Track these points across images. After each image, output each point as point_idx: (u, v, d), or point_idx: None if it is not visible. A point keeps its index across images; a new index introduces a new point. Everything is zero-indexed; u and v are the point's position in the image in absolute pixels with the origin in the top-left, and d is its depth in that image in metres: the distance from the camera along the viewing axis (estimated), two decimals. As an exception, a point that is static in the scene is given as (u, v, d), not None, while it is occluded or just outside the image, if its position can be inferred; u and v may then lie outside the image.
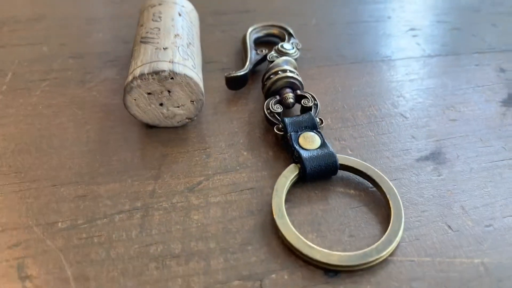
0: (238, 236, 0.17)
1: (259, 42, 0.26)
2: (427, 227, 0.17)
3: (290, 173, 0.18)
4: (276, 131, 0.20)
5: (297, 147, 0.19)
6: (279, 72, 0.22)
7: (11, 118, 0.22)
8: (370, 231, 0.17)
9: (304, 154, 0.19)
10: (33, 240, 0.17)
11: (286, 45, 0.24)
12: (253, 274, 0.16)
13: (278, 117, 0.20)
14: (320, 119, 0.20)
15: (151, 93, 0.20)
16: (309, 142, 0.19)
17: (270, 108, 0.21)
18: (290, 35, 0.26)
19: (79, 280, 0.16)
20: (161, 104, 0.20)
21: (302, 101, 0.21)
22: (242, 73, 0.23)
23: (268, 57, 0.23)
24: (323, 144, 0.19)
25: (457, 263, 0.16)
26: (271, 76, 0.22)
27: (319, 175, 0.19)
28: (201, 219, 0.18)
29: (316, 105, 0.21)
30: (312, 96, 0.21)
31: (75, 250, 0.16)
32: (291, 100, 0.21)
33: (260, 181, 0.19)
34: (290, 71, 0.22)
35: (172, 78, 0.19)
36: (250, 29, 0.26)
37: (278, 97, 0.21)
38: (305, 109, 0.21)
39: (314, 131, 0.20)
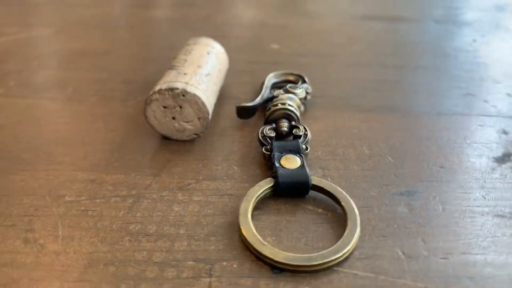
0: (206, 229, 0.19)
1: (276, 86, 0.30)
2: (381, 249, 0.18)
3: (264, 184, 0.20)
4: (263, 151, 0.22)
5: (277, 164, 0.21)
6: (279, 104, 0.25)
7: (61, 119, 0.27)
8: (325, 243, 0.18)
9: (280, 170, 0.21)
10: (43, 205, 0.20)
11: (294, 86, 0.27)
12: (207, 259, 0.18)
13: (269, 140, 0.23)
14: (306, 146, 0.23)
15: (166, 107, 0.24)
16: (289, 162, 0.21)
17: (264, 132, 0.23)
18: (304, 81, 0.29)
19: (66, 239, 0.19)
20: (173, 118, 0.24)
21: (294, 130, 0.23)
22: (250, 104, 0.26)
23: (275, 93, 0.26)
24: (301, 166, 0.21)
25: (399, 283, 0.17)
26: (271, 107, 0.25)
27: (291, 190, 0.20)
28: (180, 211, 0.20)
29: (306, 135, 0.23)
30: (304, 128, 0.24)
31: (71, 218, 0.20)
32: (285, 129, 0.24)
33: (241, 190, 0.21)
34: (290, 105, 0.25)
35: (183, 95, 0.23)
36: (271, 74, 0.30)
37: (274, 125, 0.24)
38: (296, 137, 0.23)
39: (297, 154, 0.22)
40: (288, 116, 0.24)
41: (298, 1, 0.50)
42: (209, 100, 0.24)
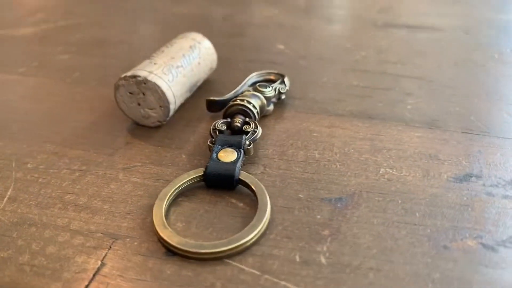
0: (128, 207, 0.20)
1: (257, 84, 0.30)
2: (279, 250, 0.18)
3: (194, 173, 0.21)
4: (208, 143, 0.23)
5: (213, 156, 0.22)
6: (238, 100, 0.25)
7: (57, 98, 0.30)
8: (230, 236, 0.19)
9: (211, 162, 0.21)
10: (6, 169, 0.23)
11: (264, 85, 0.27)
12: (115, 234, 0.19)
13: (218, 134, 0.24)
14: (250, 142, 0.23)
15: (132, 93, 0.25)
16: (225, 156, 0.22)
17: (216, 125, 0.24)
18: (282, 82, 0.29)
19: (10, 199, 0.21)
20: (139, 104, 0.26)
21: (244, 126, 0.24)
22: (219, 98, 0.27)
23: (242, 90, 0.27)
24: (235, 161, 0.22)
25: (280, 285, 0.17)
26: (231, 102, 0.25)
27: (217, 182, 0.21)
28: (114, 189, 0.22)
29: (254, 131, 0.24)
30: (255, 125, 0.24)
31: (23, 182, 0.22)
32: (238, 124, 0.24)
33: (178, 177, 0.22)
34: (249, 102, 0.25)
35: (144, 83, 0.24)
36: (254, 73, 0.30)
37: (229, 119, 0.25)
38: (244, 133, 0.24)
39: (237, 149, 0.22)
40: (244, 112, 0.25)
41: (325, 5, 0.49)
42: (171, 90, 0.25)
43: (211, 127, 0.24)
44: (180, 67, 0.27)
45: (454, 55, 0.35)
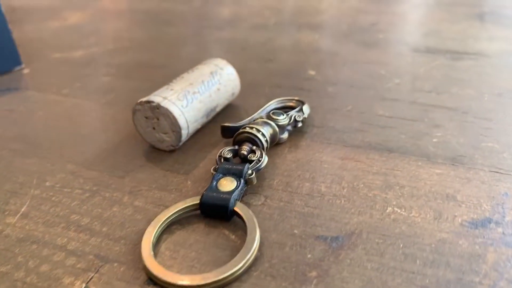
0: (124, 231, 0.21)
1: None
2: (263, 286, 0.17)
3: (190, 201, 0.21)
4: (211, 170, 0.23)
5: (212, 184, 0.22)
6: (247, 128, 0.25)
7: (88, 119, 0.32)
8: (212, 269, 0.18)
9: (208, 190, 0.21)
10: (27, 185, 0.25)
11: (277, 113, 0.26)
12: (106, 257, 0.19)
13: (223, 161, 0.23)
14: (252, 171, 0.22)
15: (147, 118, 0.26)
16: (225, 185, 0.22)
17: (222, 152, 0.24)
18: (300, 109, 0.28)
19: (23, 215, 0.22)
20: (154, 128, 0.26)
21: (249, 154, 0.23)
22: (233, 125, 0.27)
23: (255, 117, 0.26)
24: (232, 191, 0.21)
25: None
26: (241, 130, 0.25)
27: (212, 212, 0.21)
28: (115, 212, 0.22)
29: (259, 160, 0.23)
30: (261, 153, 0.23)
31: (38, 200, 0.23)
32: (244, 152, 0.24)
33: (175, 204, 0.22)
34: (258, 130, 0.25)
35: (157, 108, 0.25)
36: (274, 100, 0.30)
37: (236, 147, 0.24)
38: (248, 162, 0.23)
39: (237, 178, 0.22)
40: (252, 140, 0.24)
41: (369, 30, 0.48)
42: (184, 115, 0.26)
43: (218, 154, 0.24)
44: (196, 93, 0.27)
45: (498, 84, 0.32)
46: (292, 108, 0.29)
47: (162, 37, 0.49)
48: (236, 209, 0.21)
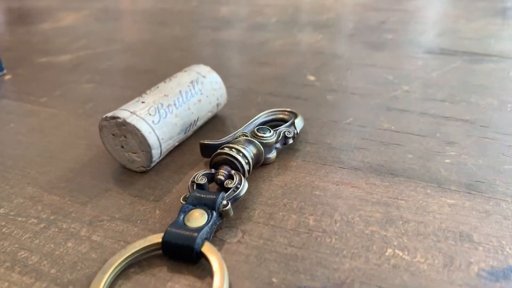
0: (74, 274, 0.18)
1: (268, 125, 0.26)
2: None
3: (151, 239, 0.18)
4: (181, 200, 0.20)
5: (179, 218, 0.18)
6: (226, 148, 0.21)
7: (59, 132, 0.29)
8: (168, 330, 0.15)
9: (172, 226, 0.18)
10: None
11: (263, 129, 0.23)
12: (46, 309, 0.16)
13: (194, 188, 0.20)
14: (227, 201, 0.19)
15: (114, 135, 0.23)
16: (194, 219, 0.18)
17: (195, 178, 0.21)
18: (292, 124, 0.25)
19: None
20: (122, 147, 0.23)
21: (226, 181, 0.20)
22: (214, 143, 0.23)
23: (237, 135, 0.23)
24: (201, 228, 0.18)
25: None
26: (219, 150, 0.22)
27: (175, 253, 0.17)
28: (69, 248, 0.19)
29: (237, 188, 0.20)
30: (240, 179, 0.20)
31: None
32: (221, 177, 0.20)
33: (142, 238, 0.19)
34: (238, 151, 0.21)
35: (124, 125, 0.22)
36: (264, 112, 0.26)
37: (213, 171, 0.21)
38: (225, 189, 0.20)
39: (209, 211, 0.19)
40: (230, 163, 0.21)
41: (377, 29, 0.43)
42: (155, 133, 0.22)
43: (190, 180, 0.21)
44: (172, 106, 0.24)
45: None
46: (284, 121, 0.26)
47: (155, 39, 0.46)
48: (203, 250, 0.17)
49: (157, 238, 0.18)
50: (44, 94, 0.35)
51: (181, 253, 0.17)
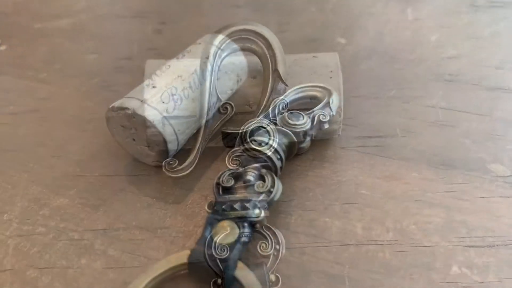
0: (90, 301, 0.16)
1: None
2: None
3: (175, 260, 0.15)
4: (206, 208, 0.17)
5: (205, 234, 0.16)
6: (252, 142, 0.18)
7: (65, 117, 0.26)
8: None
9: (198, 244, 0.15)
10: None
11: (295, 115, 0.20)
12: None
13: (221, 193, 0.17)
14: (260, 209, 0.16)
15: (124, 127, 0.20)
16: (221, 235, 0.16)
17: (220, 179, 0.18)
18: (326, 104, 0.21)
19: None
20: (134, 140, 0.20)
21: (257, 183, 0.17)
22: (237, 131, 0.20)
23: (264, 124, 0.20)
24: (232, 245, 0.15)
25: None
26: (245, 144, 0.18)
27: (203, 277, 0.15)
28: (83, 265, 0.17)
29: (270, 192, 0.17)
30: (273, 180, 0.17)
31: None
32: (251, 178, 0.18)
33: (165, 253, 0.17)
34: (271, 147, 0.18)
35: (134, 117, 0.19)
36: (293, 88, 0.22)
37: (240, 170, 0.18)
38: (256, 193, 0.17)
39: (243, 222, 0.16)
40: (262, 161, 0.18)
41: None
42: (170, 124, 0.19)
43: (215, 181, 0.18)
44: (187, 89, 0.21)
45: None
46: (317, 99, 0.22)
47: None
48: (237, 274, 0.15)
49: (182, 258, 0.15)
50: (43, 69, 0.31)
51: (211, 277, 0.15)
